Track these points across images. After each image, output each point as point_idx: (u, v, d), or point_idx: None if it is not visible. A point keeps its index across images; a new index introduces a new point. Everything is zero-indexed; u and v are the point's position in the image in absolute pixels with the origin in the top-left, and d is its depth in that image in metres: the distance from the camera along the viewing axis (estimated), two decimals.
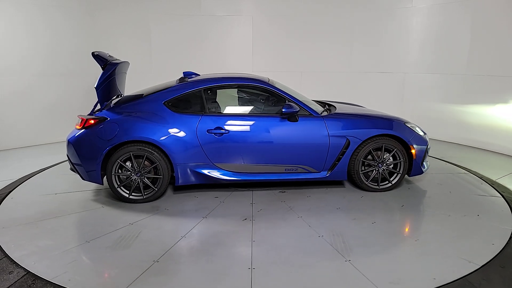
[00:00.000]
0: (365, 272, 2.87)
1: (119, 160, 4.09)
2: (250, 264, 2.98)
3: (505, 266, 2.96)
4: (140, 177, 4.16)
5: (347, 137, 4.35)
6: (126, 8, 7.66)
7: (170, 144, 4.14)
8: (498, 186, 4.68)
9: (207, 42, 8.17)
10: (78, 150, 4.13)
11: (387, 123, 4.48)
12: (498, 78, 6.25)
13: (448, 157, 5.96)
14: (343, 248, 3.23)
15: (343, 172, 4.47)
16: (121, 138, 4.05)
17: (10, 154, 6.34)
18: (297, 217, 3.86)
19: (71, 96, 7.20)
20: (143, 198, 4.21)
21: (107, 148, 4.04)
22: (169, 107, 4.27)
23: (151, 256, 3.10)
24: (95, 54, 4.25)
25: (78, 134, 4.16)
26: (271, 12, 8.17)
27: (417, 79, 7.55)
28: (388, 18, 7.71)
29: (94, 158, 4.09)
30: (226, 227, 3.66)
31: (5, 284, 2.72)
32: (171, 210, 4.05)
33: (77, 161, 4.18)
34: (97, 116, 4.18)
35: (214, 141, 4.23)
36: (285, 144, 4.32)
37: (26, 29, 6.58)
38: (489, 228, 3.59)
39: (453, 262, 3.00)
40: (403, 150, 4.45)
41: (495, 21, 6.27)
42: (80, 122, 4.21)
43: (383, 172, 4.48)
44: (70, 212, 4.00)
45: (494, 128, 6.44)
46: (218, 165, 4.30)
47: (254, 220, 3.80)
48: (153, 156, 4.12)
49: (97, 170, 4.11)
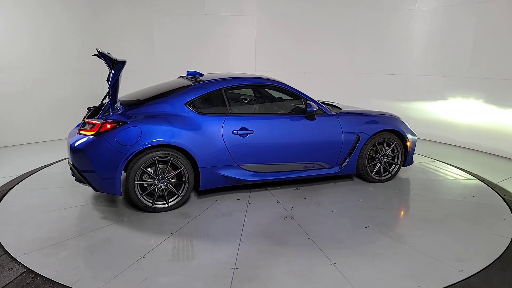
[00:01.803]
0: (428, 252, 3.16)
1: (142, 166, 3.76)
2: (329, 260, 3.05)
3: (505, 270, 2.95)
4: (164, 183, 3.89)
5: (358, 133, 4.64)
6: (129, 7, 7.61)
7: (196, 147, 3.93)
8: (500, 190, 4.69)
9: (210, 41, 8.08)
10: (92, 157, 3.68)
11: (389, 119, 4.89)
12: (502, 81, 6.20)
13: (450, 160, 5.98)
14: (396, 235, 3.48)
15: (353, 167, 4.75)
16: (146, 142, 3.73)
17: (14, 151, 6.34)
18: (331, 212, 4.00)
19: (74, 94, 7.21)
20: (168, 206, 3.94)
21: (131, 153, 3.68)
22: (192, 108, 4.06)
23: (228, 264, 2.97)
24: (102, 53, 3.83)
25: (91, 140, 3.71)
26: (274, 12, 8.17)
27: (420, 81, 7.49)
28: (392, 19, 7.68)
29: (114, 166, 3.69)
30: (274, 227, 3.63)
31: (5, 281, 2.69)
32: (205, 216, 3.86)
33: (89, 168, 3.73)
34: (115, 119, 3.79)
35: (239, 142, 4.14)
36: (305, 142, 4.42)
37: (29, 28, 6.58)
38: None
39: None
40: (401, 143, 4.90)
41: (498, 24, 6.21)
42: (91, 127, 3.76)
43: (384, 164, 4.88)
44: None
45: (496, 132, 6.36)
46: (242, 166, 4.22)
47: (294, 218, 3.84)
48: (178, 161, 3.87)
49: (117, 178, 3.73)
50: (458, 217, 3.88)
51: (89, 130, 3.75)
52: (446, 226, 3.68)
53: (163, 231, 3.52)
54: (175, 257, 3.08)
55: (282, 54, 8.36)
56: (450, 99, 7.06)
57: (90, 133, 3.73)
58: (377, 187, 4.75)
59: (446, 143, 7.18)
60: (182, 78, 4.87)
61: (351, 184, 4.83)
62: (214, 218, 3.83)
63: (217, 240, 3.36)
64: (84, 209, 3.98)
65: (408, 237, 3.46)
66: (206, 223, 3.73)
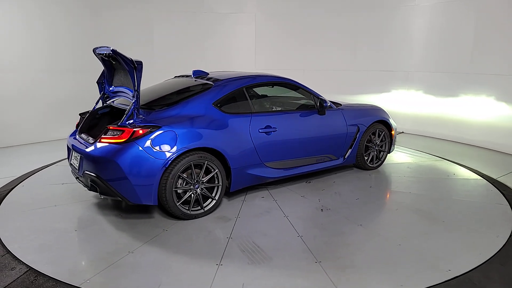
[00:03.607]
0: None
1: (179, 172, 3.53)
2: (396, 242, 3.26)
3: (505, 264, 2.95)
4: (198, 188, 3.69)
5: (358, 125, 4.96)
6: (129, 5, 7.55)
7: (228, 148, 3.82)
8: (499, 185, 4.72)
9: (209, 39, 7.89)
10: (126, 166, 3.33)
11: (377, 111, 5.31)
12: (502, 76, 6.16)
13: (450, 156, 6.02)
14: (432, 216, 3.85)
15: (353, 157, 5.06)
16: (183, 147, 3.50)
17: (14, 151, 6.31)
18: (356, 200, 4.24)
19: (75, 93, 7.18)
20: (204, 211, 3.75)
21: (169, 159, 3.42)
22: (219, 109, 3.92)
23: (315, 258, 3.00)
24: (118, 52, 3.46)
25: (121, 147, 3.36)
26: (273, 10, 8.02)
27: (420, 78, 7.44)
28: (391, 16, 7.59)
29: (151, 174, 3.38)
30: (320, 219, 3.72)
31: (8, 280, 2.69)
32: (244, 217, 3.75)
33: (120, 178, 3.36)
34: (146, 124, 3.48)
35: (265, 140, 4.13)
36: (319, 136, 4.59)
37: (29, 26, 6.56)
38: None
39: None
40: (388, 132, 5.38)
41: (498, 19, 6.14)
42: (120, 134, 3.41)
43: (376, 152, 5.30)
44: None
45: (497, 127, 6.36)
46: (267, 163, 4.21)
47: (329, 209, 3.98)
48: (213, 163, 3.71)
49: (154, 186, 3.42)
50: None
51: (116, 138, 3.40)
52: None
53: (215, 237, 3.36)
54: (253, 260, 2.97)
55: (282, 51, 8.36)
56: (450, 95, 7.04)
57: (119, 141, 3.38)
58: (375, 173, 5.15)
59: (445, 139, 7.21)
60: (182, 77, 4.66)
61: (351, 173, 5.14)
62: (255, 218, 3.76)
63: (277, 238, 3.33)
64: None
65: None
66: (252, 223, 3.64)
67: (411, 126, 7.79)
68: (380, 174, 5.16)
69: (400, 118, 7.59)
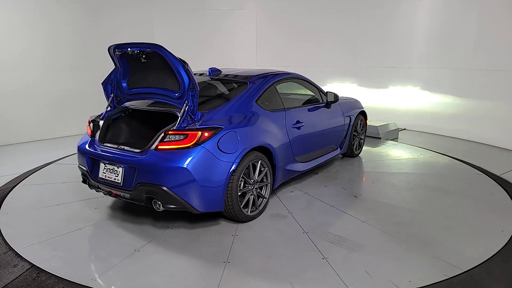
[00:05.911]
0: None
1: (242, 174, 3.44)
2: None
3: (507, 261, 2.93)
4: (254, 188, 3.64)
5: (350, 116, 5.43)
6: (129, 3, 7.58)
7: (275, 145, 3.86)
8: (502, 182, 4.71)
9: (210, 36, 7.83)
10: (196, 172, 3.13)
11: (358, 103, 5.85)
12: (504, 72, 6.11)
13: (452, 152, 6.03)
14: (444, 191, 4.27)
15: (346, 146, 5.53)
16: (246, 147, 3.44)
17: (16, 149, 6.35)
18: (371, 183, 4.70)
19: (75, 91, 7.24)
20: (259, 211, 3.72)
21: (235, 161, 3.34)
22: (261, 106, 3.95)
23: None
24: (167, 50, 3.25)
25: (188, 152, 3.15)
26: (274, 7, 8.00)
27: (422, 74, 7.41)
28: (393, 12, 7.58)
29: (220, 178, 3.26)
30: (361, 204, 4.01)
31: (10, 277, 2.72)
32: (297, 212, 3.81)
33: (188, 181, 3.12)
34: (210, 126, 3.32)
35: (296, 135, 4.25)
36: (329, 128, 4.96)
37: (29, 25, 6.57)
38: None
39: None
40: (364, 122, 5.88)
41: (500, 15, 6.11)
42: (184, 138, 3.19)
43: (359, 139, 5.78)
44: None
45: (499, 123, 6.31)
46: (297, 158, 4.35)
47: (361, 195, 4.28)
48: (264, 162, 3.70)
49: (223, 189, 3.30)
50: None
51: (181, 142, 3.18)
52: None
53: (290, 235, 3.36)
54: (357, 248, 3.10)
55: (283, 48, 8.37)
56: (452, 91, 7.04)
57: (185, 145, 3.16)
58: (368, 161, 5.70)
59: (448, 136, 7.21)
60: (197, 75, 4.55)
61: (346, 161, 5.61)
62: (307, 211, 3.83)
63: (348, 227, 3.49)
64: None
65: None
66: (312, 216, 3.72)
67: (414, 121, 7.88)
68: (370, 160, 5.72)
69: (400, 115, 7.96)
